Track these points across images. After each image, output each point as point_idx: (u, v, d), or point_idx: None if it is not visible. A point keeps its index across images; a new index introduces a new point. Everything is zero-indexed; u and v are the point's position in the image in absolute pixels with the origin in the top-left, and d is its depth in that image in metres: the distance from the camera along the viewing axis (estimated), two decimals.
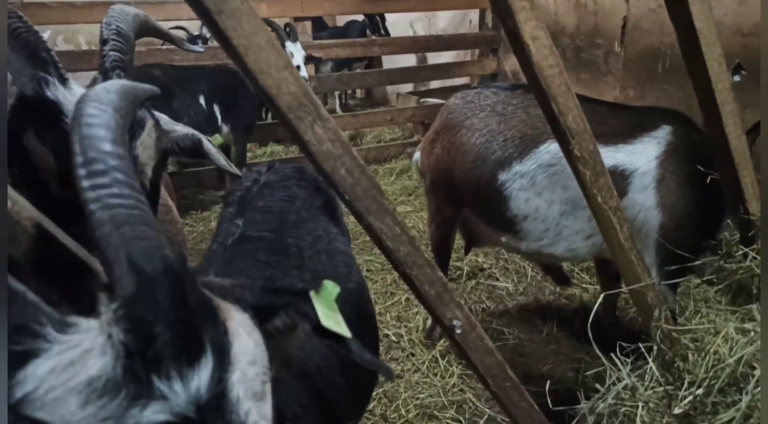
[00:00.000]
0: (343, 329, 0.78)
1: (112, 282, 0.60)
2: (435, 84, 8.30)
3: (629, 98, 4.95)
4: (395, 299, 3.98)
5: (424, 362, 3.30)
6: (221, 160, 1.59)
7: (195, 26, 8.50)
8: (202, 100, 5.17)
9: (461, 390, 3.10)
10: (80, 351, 0.54)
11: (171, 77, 4.93)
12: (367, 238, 4.90)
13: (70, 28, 9.02)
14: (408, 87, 8.50)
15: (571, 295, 3.95)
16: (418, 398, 3.04)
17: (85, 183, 0.63)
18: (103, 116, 0.68)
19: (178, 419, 0.55)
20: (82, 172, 0.63)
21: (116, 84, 0.76)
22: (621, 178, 2.45)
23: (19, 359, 0.52)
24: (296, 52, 5.70)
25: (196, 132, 1.54)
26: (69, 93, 1.17)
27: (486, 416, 2.87)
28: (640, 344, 1.62)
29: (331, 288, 0.79)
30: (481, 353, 1.29)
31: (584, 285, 4.00)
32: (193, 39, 8.19)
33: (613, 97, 5.12)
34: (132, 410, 0.53)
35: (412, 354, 3.41)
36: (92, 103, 0.69)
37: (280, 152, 7.45)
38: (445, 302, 1.21)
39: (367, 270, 4.38)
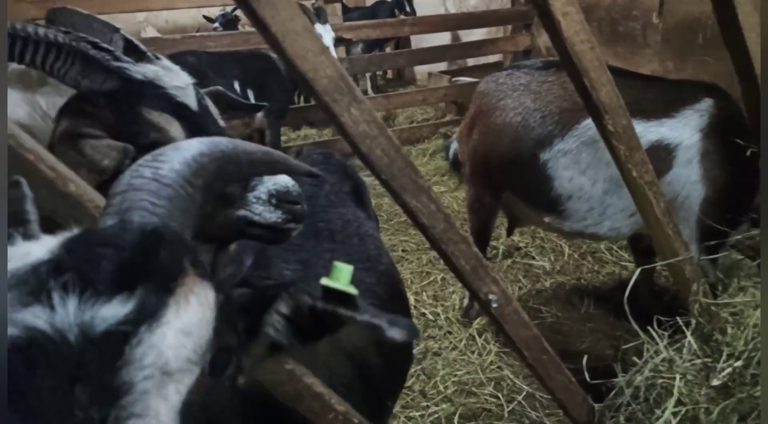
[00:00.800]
0: (348, 288, 0.75)
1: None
2: (467, 62, 8.21)
3: (668, 71, 4.80)
4: (431, 278, 4.02)
5: (461, 340, 3.34)
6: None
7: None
8: (236, 86, 5.26)
9: (499, 367, 3.12)
10: (21, 253, 0.58)
11: (206, 63, 5.03)
12: (402, 218, 4.95)
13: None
14: (439, 66, 8.42)
15: (609, 273, 3.91)
16: (455, 375, 3.08)
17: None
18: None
19: (56, 336, 0.52)
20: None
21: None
22: (665, 153, 2.41)
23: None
24: (325, 35, 5.68)
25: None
26: (149, 69, 1.36)
27: (524, 393, 2.89)
28: (678, 318, 1.62)
29: (342, 266, 0.76)
30: (518, 326, 1.32)
31: (623, 263, 3.96)
32: (217, 20, 8.31)
33: (651, 71, 4.98)
34: (18, 305, 0.53)
35: (449, 332, 3.45)
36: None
37: (314, 135, 7.51)
38: (480, 277, 1.24)
39: (403, 250, 4.42)
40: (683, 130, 2.41)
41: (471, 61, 8.02)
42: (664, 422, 1.29)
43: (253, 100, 5.43)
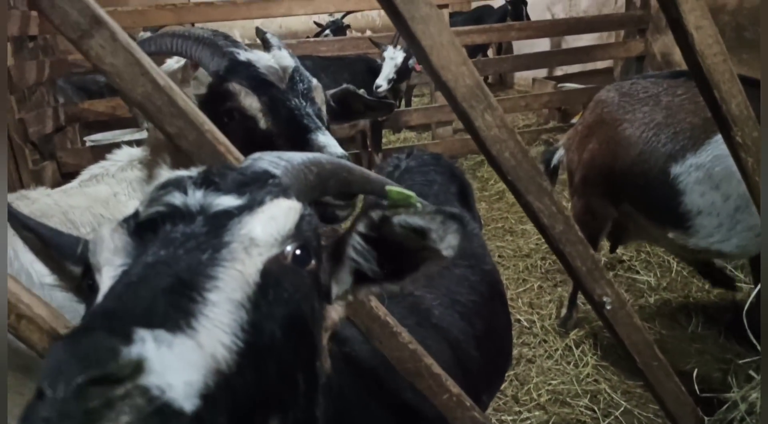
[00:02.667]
0: (407, 191, 0.88)
1: None
2: (573, 68, 8.00)
3: None
4: (528, 285, 4.01)
5: (556, 350, 3.31)
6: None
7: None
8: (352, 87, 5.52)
9: (596, 380, 3.07)
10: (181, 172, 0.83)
11: (320, 67, 5.34)
12: (499, 224, 4.97)
13: (227, 24, 9.98)
14: (542, 72, 8.28)
15: (721, 293, 3.71)
16: (550, 384, 3.06)
17: None
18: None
19: (185, 209, 0.74)
20: None
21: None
22: None
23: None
24: (388, 59, 5.55)
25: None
26: (257, 55, 1.67)
27: (622, 409, 2.83)
28: None
29: (397, 193, 0.89)
30: (630, 329, 1.34)
31: (737, 284, 3.73)
32: (332, 26, 8.70)
33: None
34: (167, 194, 0.76)
35: (545, 341, 3.43)
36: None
37: (413, 138, 7.67)
38: (596, 279, 1.28)
39: (499, 256, 4.43)
40: None
41: (577, 67, 7.80)
42: None
43: None
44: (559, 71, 8.25)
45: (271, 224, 0.75)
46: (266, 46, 1.79)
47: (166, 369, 0.54)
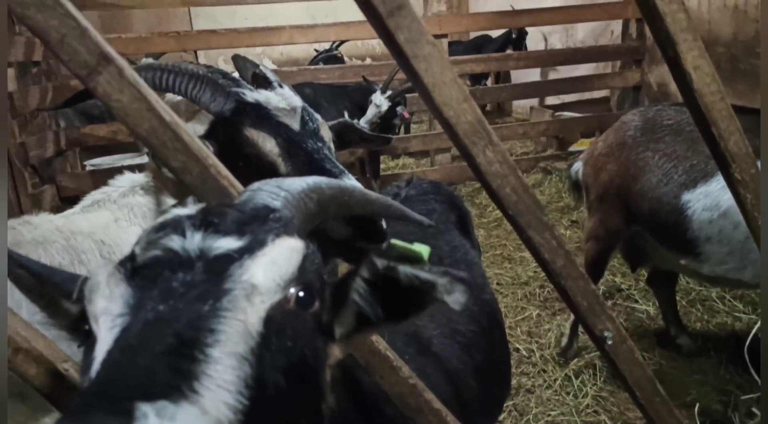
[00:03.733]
0: (415, 247, 0.88)
1: None
2: (570, 97, 8.10)
3: None
4: (526, 313, 3.99)
5: (556, 380, 3.28)
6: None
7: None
8: (346, 116, 5.59)
9: (595, 411, 3.03)
10: (176, 212, 0.81)
11: (320, 95, 5.40)
12: (498, 251, 4.97)
13: (230, 50, 10.14)
14: (536, 101, 8.39)
15: (720, 323, 3.69)
16: (549, 415, 3.03)
17: None
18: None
19: (183, 253, 0.72)
20: None
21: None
22: None
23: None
24: (373, 107, 5.54)
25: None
26: (265, 95, 1.63)
27: None
28: None
29: (421, 247, 0.89)
30: (631, 365, 1.34)
31: (736, 314, 3.72)
32: (324, 54, 8.84)
33: None
34: (164, 237, 0.74)
35: (544, 370, 3.40)
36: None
37: (411, 164, 7.72)
38: (597, 314, 1.28)
39: (497, 283, 4.42)
40: None
41: (575, 96, 7.91)
42: None
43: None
44: (557, 100, 8.35)
45: (272, 269, 0.73)
46: (262, 82, 1.76)
47: None
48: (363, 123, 5.43)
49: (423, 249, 0.90)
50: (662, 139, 2.89)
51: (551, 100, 8.38)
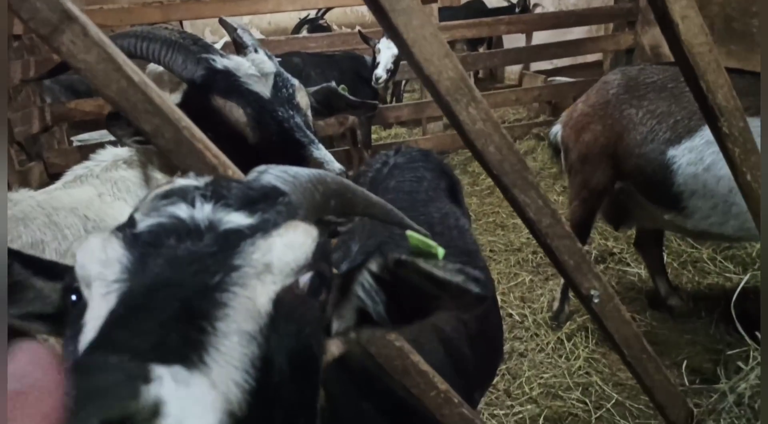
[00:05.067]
0: (431, 242, 0.84)
1: None
2: (563, 61, 8.00)
3: None
4: (519, 279, 4.01)
5: (548, 343, 3.32)
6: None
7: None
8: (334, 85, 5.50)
9: (587, 373, 3.08)
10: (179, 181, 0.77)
11: (309, 64, 5.30)
12: (490, 219, 4.96)
13: (215, 20, 9.92)
14: (532, 66, 8.28)
15: (711, 284, 3.73)
16: (542, 378, 3.07)
17: None
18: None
19: (191, 223, 0.68)
20: None
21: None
22: None
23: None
24: (384, 49, 5.45)
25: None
26: (234, 61, 1.58)
27: (613, 401, 2.84)
28: None
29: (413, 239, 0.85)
30: (618, 322, 1.34)
31: (727, 274, 3.75)
32: (308, 22, 8.68)
33: None
34: (170, 204, 0.71)
35: (536, 335, 3.43)
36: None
37: (403, 134, 7.65)
38: (583, 273, 1.28)
39: (490, 250, 4.43)
40: None
41: (567, 61, 7.81)
42: None
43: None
44: (549, 65, 8.25)
45: (287, 251, 0.70)
46: (239, 47, 1.70)
47: (183, 414, 0.50)
48: (381, 71, 5.35)
49: (439, 250, 0.85)
50: (645, 96, 2.92)
51: (544, 65, 8.28)
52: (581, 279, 1.26)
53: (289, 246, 0.70)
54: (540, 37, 8.00)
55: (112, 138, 1.75)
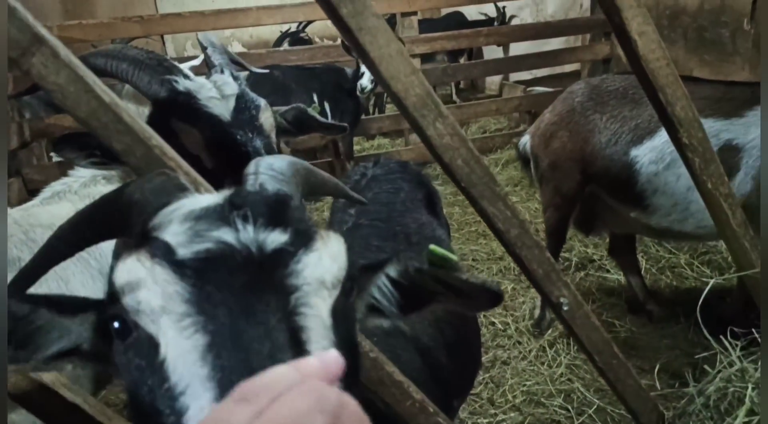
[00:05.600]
0: (449, 254, 0.92)
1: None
2: (542, 72, 8.12)
3: (759, 79, 4.58)
4: (501, 288, 4.03)
5: (531, 351, 3.34)
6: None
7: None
8: (315, 98, 5.53)
9: (569, 379, 3.10)
10: (197, 201, 0.75)
11: (290, 77, 5.33)
12: (473, 228, 5.00)
13: (198, 35, 9.92)
14: (513, 76, 8.39)
15: (690, 288, 3.79)
16: (524, 385, 3.09)
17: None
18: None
19: (240, 247, 0.68)
20: None
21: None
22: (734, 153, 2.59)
23: (161, 205, 0.74)
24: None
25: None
26: (196, 83, 1.57)
27: (595, 407, 2.86)
28: (754, 330, 1.60)
29: (433, 250, 0.94)
30: (588, 329, 1.37)
31: (704, 279, 3.82)
32: (290, 35, 8.72)
33: (741, 79, 4.76)
34: (212, 228, 0.70)
35: (519, 342, 3.46)
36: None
37: (387, 145, 7.69)
38: (552, 281, 1.31)
39: (473, 259, 4.47)
40: (751, 131, 2.50)
41: (546, 71, 7.93)
42: None
43: (329, 114, 5.68)
44: (528, 75, 8.37)
45: (332, 264, 0.74)
46: (209, 66, 1.72)
47: None
48: (366, 82, 5.46)
49: (454, 257, 0.95)
50: (608, 102, 3.06)
51: (523, 76, 8.40)
52: (551, 287, 1.29)
53: (332, 258, 0.75)
54: (519, 49, 8.14)
55: None
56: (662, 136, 2.69)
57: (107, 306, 0.73)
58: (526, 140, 3.51)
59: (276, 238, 0.71)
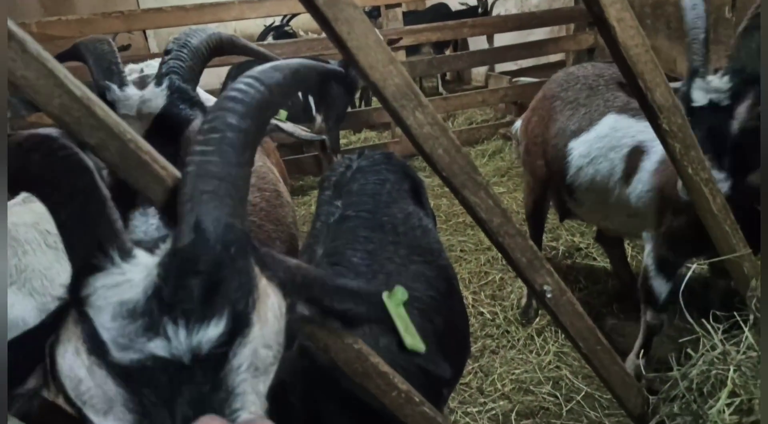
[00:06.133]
0: (419, 345, 0.96)
1: (177, 232, 0.74)
2: (528, 62, 8.13)
3: None
4: (489, 278, 4.06)
5: (519, 339, 3.37)
6: (296, 134, 1.91)
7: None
8: (299, 93, 5.49)
9: (557, 367, 3.13)
10: (124, 279, 0.70)
11: None
12: (460, 219, 5.01)
13: (181, 29, 9.79)
14: (498, 67, 8.39)
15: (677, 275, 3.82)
16: (513, 373, 3.11)
17: (196, 147, 0.79)
18: (251, 91, 0.83)
19: (175, 360, 0.66)
20: (199, 137, 0.80)
21: (294, 63, 0.90)
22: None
23: (91, 269, 0.70)
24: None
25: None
26: (123, 94, 1.51)
27: (583, 393, 2.89)
28: (735, 314, 1.62)
29: (402, 294, 0.92)
30: (572, 316, 1.38)
31: (689, 265, 3.84)
32: (274, 29, 8.65)
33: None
34: (141, 337, 0.66)
35: (507, 331, 3.48)
36: (248, 78, 0.84)
37: (374, 138, 7.68)
38: (536, 269, 1.31)
39: (461, 250, 4.48)
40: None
41: (531, 61, 7.95)
42: (717, 412, 1.32)
43: (313, 106, 5.64)
44: (514, 66, 8.38)
45: (267, 351, 0.72)
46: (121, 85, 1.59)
47: None
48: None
49: (404, 296, 0.94)
50: (570, 89, 3.06)
51: (508, 67, 8.40)
52: (534, 275, 1.30)
53: (267, 346, 0.72)
54: (504, 39, 8.14)
55: None
56: (596, 131, 2.71)
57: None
58: (517, 125, 3.57)
59: (210, 336, 0.68)
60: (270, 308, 0.74)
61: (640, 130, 2.56)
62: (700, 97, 1.88)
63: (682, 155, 1.39)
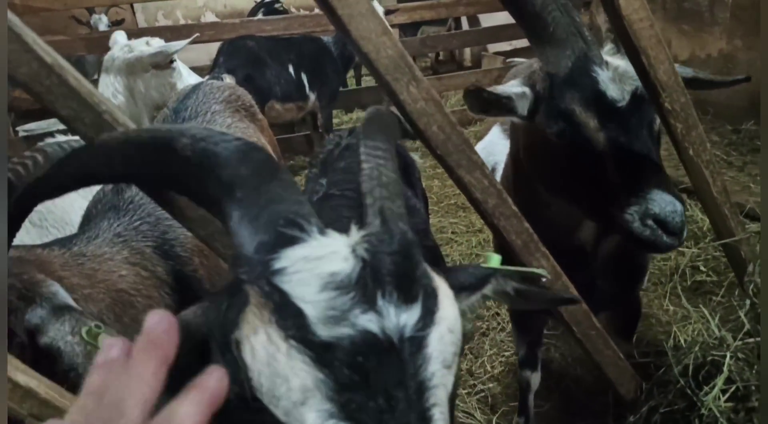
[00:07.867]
0: (542, 271, 1.02)
1: (363, 219, 0.78)
2: (521, 43, 8.02)
3: (736, 49, 4.58)
4: (480, 260, 4.03)
5: (509, 322, 3.36)
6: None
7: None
8: (291, 70, 5.39)
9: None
10: (329, 251, 0.68)
11: (264, 48, 5.17)
12: (452, 201, 4.97)
13: (169, 4, 9.57)
14: (492, 47, 8.29)
15: (665, 258, 3.82)
16: (503, 356, 3.11)
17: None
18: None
19: (383, 338, 0.64)
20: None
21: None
22: None
23: (286, 242, 0.67)
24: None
25: None
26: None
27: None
28: (733, 300, 1.60)
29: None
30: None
31: (680, 248, 3.85)
32: (264, 5, 8.49)
33: (719, 50, 4.76)
34: (354, 310, 0.64)
35: (497, 314, 3.47)
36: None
37: None
38: (531, 252, 1.28)
39: (452, 232, 4.45)
40: None
41: (525, 42, 7.84)
42: (712, 399, 1.30)
43: (306, 84, 5.53)
44: (507, 46, 8.27)
45: (452, 337, 0.71)
46: None
47: None
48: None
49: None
50: None
51: (502, 47, 8.30)
52: (529, 258, 1.26)
53: (451, 330, 0.71)
54: (498, 19, 8.01)
55: (60, 127, 1.64)
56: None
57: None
58: None
59: (411, 319, 0.67)
60: (445, 294, 0.74)
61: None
62: None
63: (684, 136, 1.35)
